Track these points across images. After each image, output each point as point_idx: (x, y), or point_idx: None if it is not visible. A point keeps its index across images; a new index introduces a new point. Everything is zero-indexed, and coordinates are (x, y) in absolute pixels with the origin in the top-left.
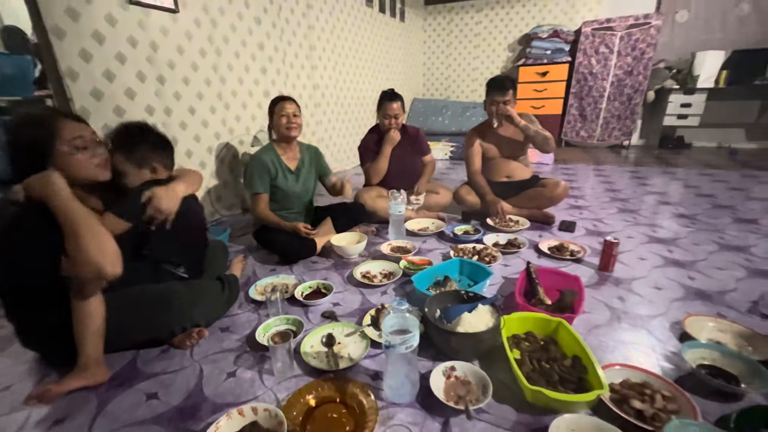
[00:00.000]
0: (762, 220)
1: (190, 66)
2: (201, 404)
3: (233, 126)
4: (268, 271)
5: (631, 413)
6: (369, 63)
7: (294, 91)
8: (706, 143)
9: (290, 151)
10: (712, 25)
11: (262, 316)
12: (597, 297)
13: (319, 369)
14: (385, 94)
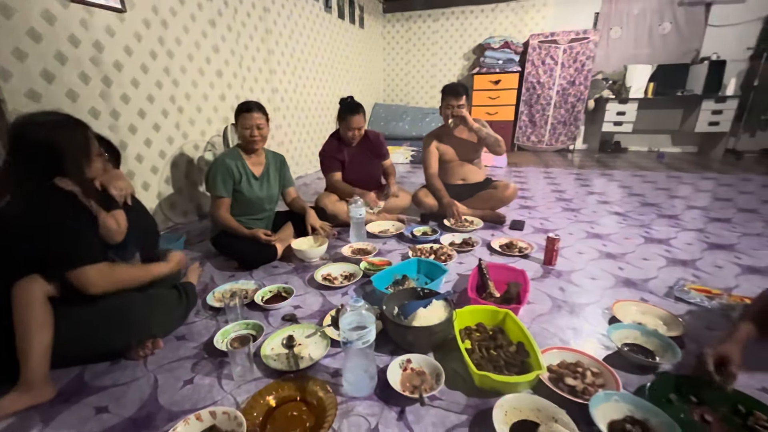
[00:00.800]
0: (681, 216)
1: (139, 68)
2: (156, 414)
3: (187, 130)
4: (227, 278)
5: (565, 389)
6: (329, 68)
7: (252, 95)
8: (639, 148)
9: (256, 156)
10: (640, 41)
11: (220, 323)
12: (541, 289)
13: (280, 370)
14: (346, 106)
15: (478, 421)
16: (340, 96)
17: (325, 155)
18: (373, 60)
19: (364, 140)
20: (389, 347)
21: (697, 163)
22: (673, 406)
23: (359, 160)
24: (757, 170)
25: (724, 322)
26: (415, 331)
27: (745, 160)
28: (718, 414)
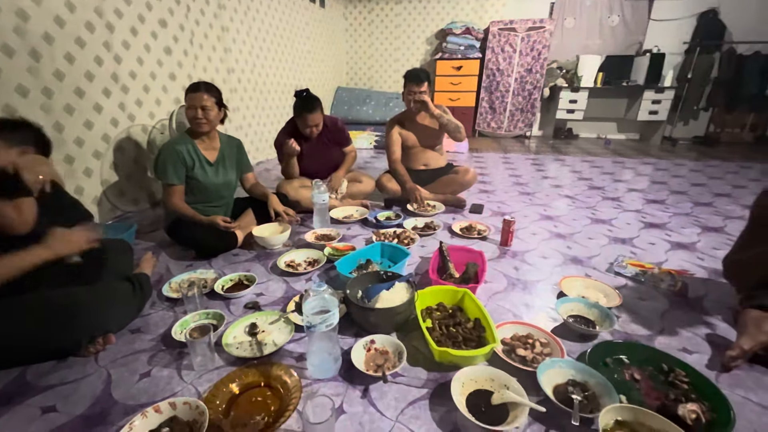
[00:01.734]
0: (623, 198)
1: (73, 41)
2: (110, 409)
3: (134, 112)
4: (184, 267)
5: (517, 359)
6: (289, 48)
7: (206, 75)
8: (589, 134)
9: (209, 141)
10: (592, 32)
11: (178, 313)
12: (497, 268)
13: (243, 358)
14: (302, 102)
15: (437, 394)
16: (301, 78)
17: (278, 144)
18: (335, 42)
19: (323, 129)
20: (353, 329)
21: (638, 149)
22: (609, 368)
23: (318, 149)
24: (689, 156)
25: (653, 292)
26: (378, 313)
27: (679, 146)
28: (646, 372)
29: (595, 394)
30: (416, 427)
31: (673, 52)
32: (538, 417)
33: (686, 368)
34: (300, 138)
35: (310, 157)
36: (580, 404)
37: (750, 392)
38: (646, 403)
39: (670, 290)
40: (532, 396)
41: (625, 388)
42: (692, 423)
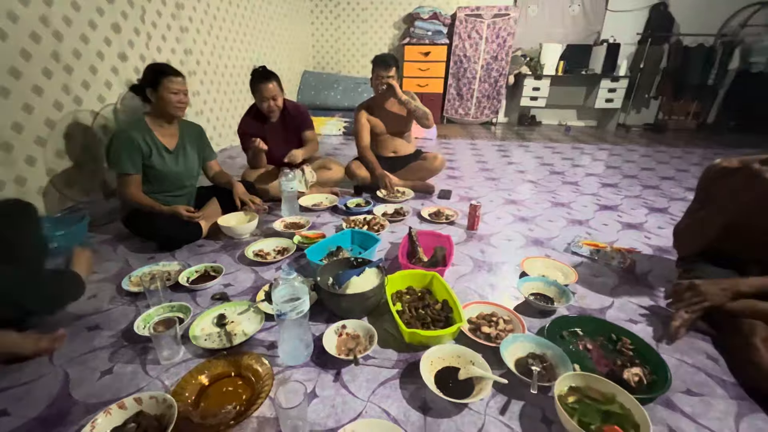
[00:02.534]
0: (581, 182)
1: (4, 15)
2: (70, 408)
3: (81, 94)
4: (145, 260)
5: (482, 336)
6: (251, 29)
7: (161, 56)
8: (551, 121)
9: (167, 127)
10: (554, 21)
11: (140, 308)
12: (464, 252)
13: (212, 349)
14: (256, 73)
15: (407, 373)
16: (265, 60)
17: (243, 133)
18: (299, 23)
19: (283, 114)
20: (325, 315)
21: (595, 136)
22: (565, 340)
23: (281, 135)
24: (640, 142)
25: (606, 269)
26: (349, 299)
27: (632, 133)
28: (597, 343)
29: (552, 364)
30: (387, 406)
31: (628, 42)
32: (501, 388)
33: (631, 337)
34: (262, 124)
35: (274, 144)
36: (539, 374)
37: (685, 355)
38: (597, 369)
39: (620, 267)
40: (496, 369)
41: (578, 357)
42: (635, 385)
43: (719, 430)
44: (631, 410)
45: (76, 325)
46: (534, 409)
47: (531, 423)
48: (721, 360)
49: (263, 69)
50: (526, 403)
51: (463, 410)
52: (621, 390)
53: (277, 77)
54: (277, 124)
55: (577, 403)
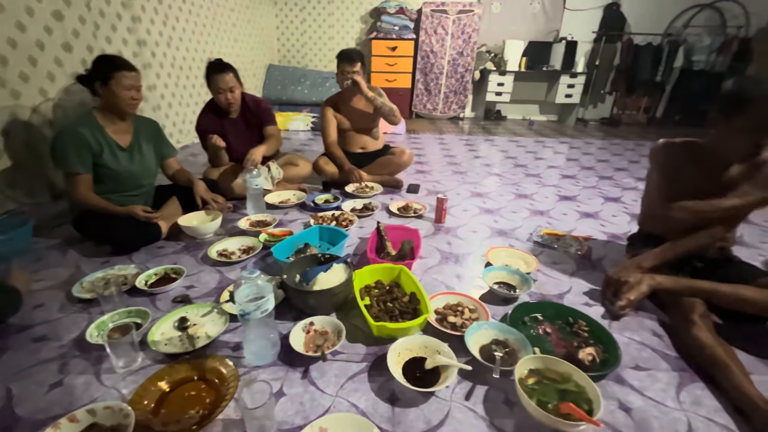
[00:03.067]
0: (542, 174)
1: None
2: (13, 427)
3: (19, 87)
4: (99, 264)
5: (448, 326)
6: (210, 20)
7: (111, 47)
8: (515, 116)
9: (119, 123)
10: (516, 18)
11: (94, 315)
12: (432, 244)
13: (173, 354)
14: (211, 65)
15: (376, 366)
16: (227, 53)
17: (200, 129)
18: (263, 15)
19: (243, 110)
20: (293, 313)
21: (556, 130)
22: (526, 325)
23: (243, 131)
24: (597, 135)
25: (564, 256)
26: (316, 295)
27: (589, 127)
28: (556, 326)
29: (514, 349)
30: (356, 399)
31: (584, 40)
32: (466, 375)
33: (586, 319)
34: (221, 119)
35: (236, 140)
36: (501, 359)
37: (634, 333)
38: (555, 351)
39: (577, 254)
40: (462, 357)
41: (538, 341)
42: (589, 364)
43: (663, 400)
44: (585, 387)
45: (20, 337)
46: (497, 393)
47: (494, 406)
48: (665, 336)
49: (219, 61)
50: (490, 387)
51: (430, 398)
52: (576, 369)
53: (234, 69)
54: (238, 119)
55: (537, 384)
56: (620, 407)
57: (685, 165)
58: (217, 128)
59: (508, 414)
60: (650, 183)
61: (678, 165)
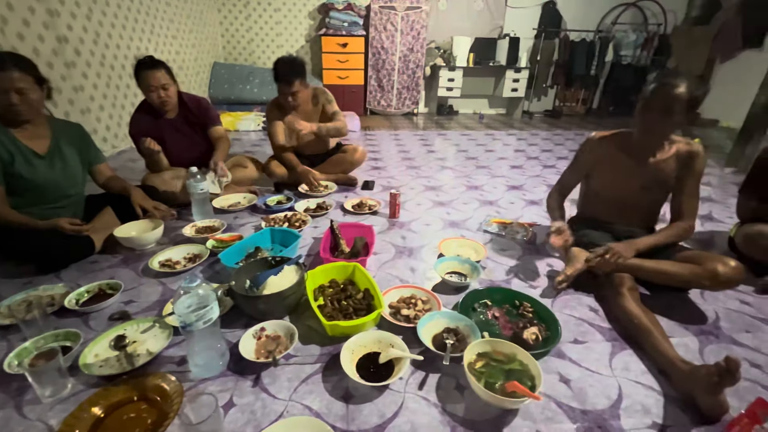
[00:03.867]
0: (491, 166)
1: None
2: None
3: None
4: (20, 286)
5: (402, 319)
6: (143, 16)
7: (23, 45)
8: (467, 110)
9: (32, 128)
10: (462, 15)
11: (14, 342)
12: (386, 239)
13: (109, 375)
14: (140, 62)
15: (330, 366)
16: (166, 51)
17: (134, 132)
18: (205, 10)
19: (182, 110)
20: (243, 320)
21: (505, 123)
22: (476, 312)
23: (183, 133)
24: (541, 127)
25: (512, 243)
26: (266, 300)
27: (535, 119)
28: (503, 310)
29: (464, 335)
30: (310, 402)
31: (526, 36)
32: (420, 365)
33: (530, 300)
34: (157, 120)
35: (175, 143)
36: (452, 346)
37: (573, 310)
38: (503, 334)
39: (523, 240)
40: (416, 348)
41: (487, 326)
42: (533, 342)
43: (597, 369)
44: (528, 365)
45: None
46: (449, 379)
47: (446, 392)
48: (600, 311)
49: (148, 57)
50: (442, 374)
51: (384, 392)
52: (520, 349)
53: (165, 66)
54: (177, 120)
55: (485, 366)
56: (560, 380)
57: (615, 153)
58: (152, 130)
59: (459, 399)
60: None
61: (599, 157)
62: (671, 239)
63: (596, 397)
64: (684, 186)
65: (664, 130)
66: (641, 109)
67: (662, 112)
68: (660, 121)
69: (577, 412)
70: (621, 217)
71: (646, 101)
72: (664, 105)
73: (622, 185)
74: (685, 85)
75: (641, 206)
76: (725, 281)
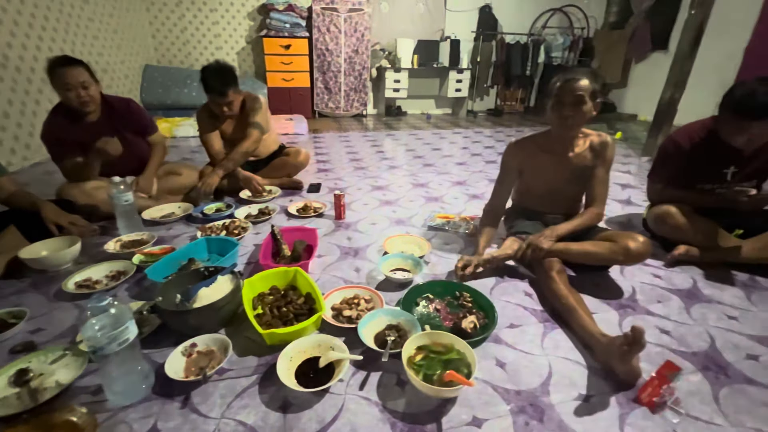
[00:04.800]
0: (436, 164)
1: None
2: None
3: None
4: None
5: (344, 320)
6: (55, 13)
7: None
8: (415, 111)
9: None
10: (404, 17)
11: None
12: (331, 241)
13: (7, 416)
14: (54, 60)
15: (267, 376)
16: (87, 52)
17: (48, 138)
18: (130, 9)
19: (107, 112)
20: (173, 338)
21: (451, 122)
22: (419, 306)
23: (107, 137)
24: (485, 125)
25: (455, 237)
26: (196, 313)
27: (479, 118)
28: (444, 302)
29: (406, 331)
30: (244, 417)
31: (466, 39)
32: (361, 365)
33: (470, 290)
34: (76, 124)
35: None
36: (394, 343)
37: (510, 296)
38: (444, 326)
39: (465, 233)
40: (359, 348)
41: (429, 318)
42: (471, 331)
43: (530, 350)
44: (465, 353)
45: None
46: (390, 376)
47: (387, 389)
48: (534, 295)
49: (63, 55)
50: (383, 372)
51: (324, 396)
52: (457, 339)
53: (84, 64)
54: (101, 123)
55: (424, 359)
56: (497, 364)
57: (537, 153)
58: (71, 134)
59: (400, 394)
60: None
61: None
62: (585, 223)
63: (529, 377)
64: (596, 174)
65: (577, 121)
66: (553, 106)
67: (572, 105)
68: (572, 112)
69: (511, 393)
70: (550, 207)
71: (557, 97)
72: (572, 98)
73: (548, 181)
74: (586, 79)
75: (568, 197)
76: (636, 255)
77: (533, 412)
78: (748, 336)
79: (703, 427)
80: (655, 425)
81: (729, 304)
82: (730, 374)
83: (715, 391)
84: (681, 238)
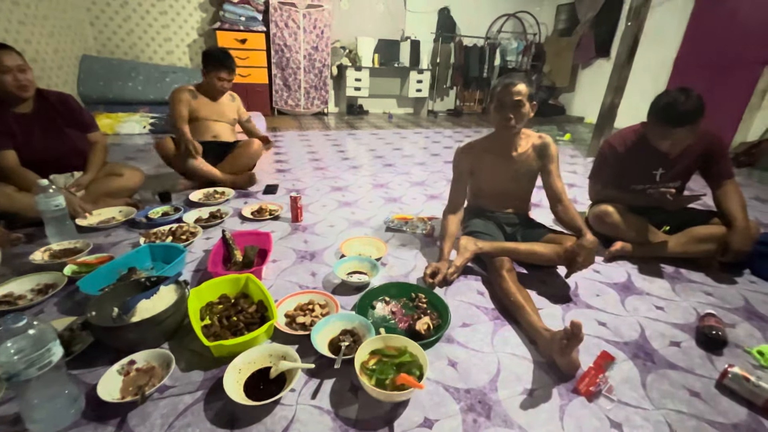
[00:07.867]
0: (396, 164)
1: None
2: None
3: None
4: None
5: (298, 327)
6: None
7: None
8: (377, 110)
9: None
10: (364, 16)
11: None
12: (287, 245)
13: None
14: None
15: (214, 391)
16: (11, 39)
17: None
18: None
19: (43, 106)
20: (109, 355)
21: (412, 122)
22: (375, 309)
23: (42, 133)
24: (445, 125)
25: (412, 237)
26: (135, 328)
27: (439, 118)
28: (400, 304)
29: (360, 335)
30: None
31: (426, 40)
32: (314, 373)
33: (424, 291)
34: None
35: (31, 142)
36: (349, 348)
37: (463, 296)
38: (399, 328)
39: (422, 233)
40: (313, 356)
41: (384, 322)
42: (425, 332)
43: (481, 348)
44: (417, 355)
45: None
46: (344, 383)
47: (339, 396)
48: (486, 293)
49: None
50: (337, 379)
51: (275, 408)
52: (409, 341)
53: (16, 51)
54: (34, 117)
55: (377, 363)
56: (449, 363)
57: (484, 155)
58: (4, 127)
59: (353, 401)
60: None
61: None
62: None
63: (479, 375)
64: (550, 171)
65: (517, 121)
66: (495, 108)
67: (512, 106)
68: (512, 113)
69: (461, 392)
70: (501, 206)
71: (498, 100)
72: (512, 100)
73: (496, 180)
74: (522, 83)
75: (516, 195)
76: None
77: (481, 409)
78: (672, 324)
79: (632, 412)
80: (591, 413)
81: (657, 295)
82: (656, 360)
83: (643, 377)
84: (617, 235)
